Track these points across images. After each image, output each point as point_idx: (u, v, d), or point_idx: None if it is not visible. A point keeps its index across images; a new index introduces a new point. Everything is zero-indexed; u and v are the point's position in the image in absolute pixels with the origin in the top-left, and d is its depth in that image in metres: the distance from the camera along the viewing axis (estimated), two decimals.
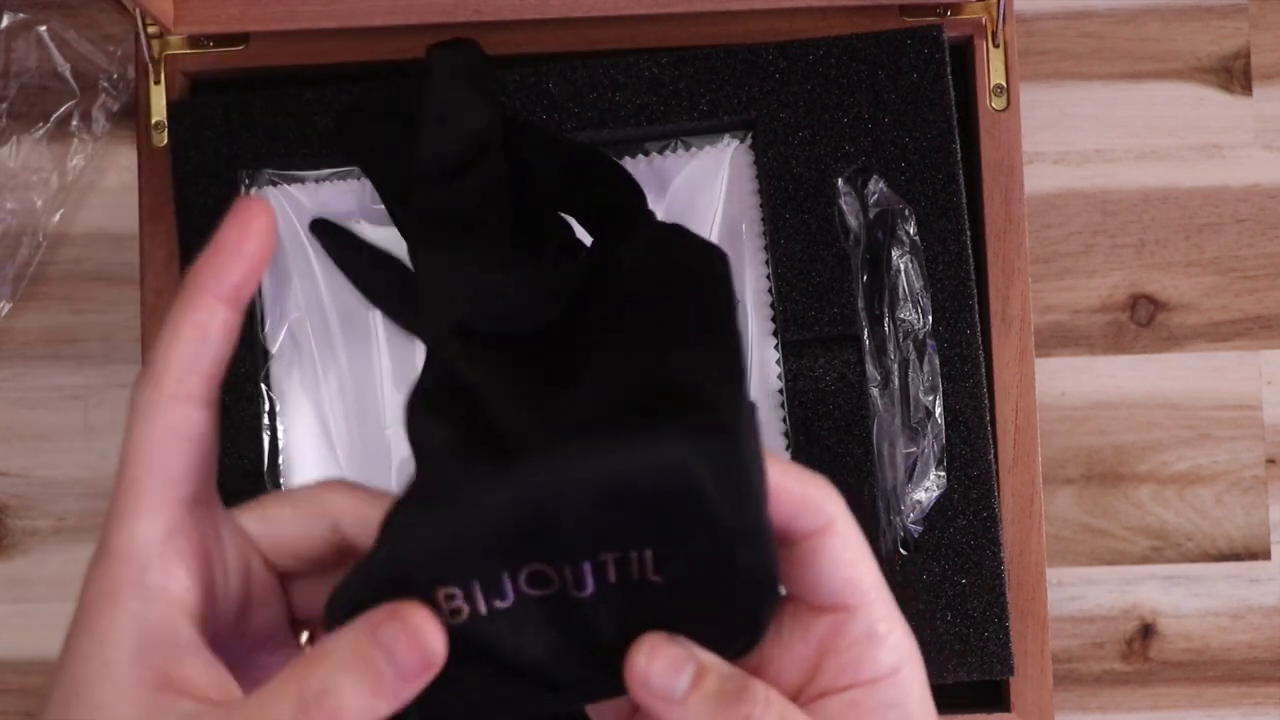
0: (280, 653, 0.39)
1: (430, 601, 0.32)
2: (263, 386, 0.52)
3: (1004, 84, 0.53)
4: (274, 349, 0.52)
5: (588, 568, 0.33)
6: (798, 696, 0.34)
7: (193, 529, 0.34)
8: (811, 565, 0.34)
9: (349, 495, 0.36)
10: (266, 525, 0.36)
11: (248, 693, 0.33)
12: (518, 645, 0.33)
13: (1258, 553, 0.60)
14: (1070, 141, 0.61)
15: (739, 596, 0.33)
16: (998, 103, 0.53)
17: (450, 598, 0.32)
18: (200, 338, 0.34)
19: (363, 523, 0.35)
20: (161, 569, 0.33)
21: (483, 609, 0.33)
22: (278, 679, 0.32)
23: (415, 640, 0.32)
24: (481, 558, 0.32)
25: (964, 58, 0.54)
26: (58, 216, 0.61)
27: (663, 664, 0.33)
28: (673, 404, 0.34)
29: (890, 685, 0.34)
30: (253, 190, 0.53)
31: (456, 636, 0.32)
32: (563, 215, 0.49)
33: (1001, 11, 0.53)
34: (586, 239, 0.49)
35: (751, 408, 0.34)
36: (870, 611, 0.34)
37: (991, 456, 0.51)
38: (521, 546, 0.32)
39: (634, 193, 0.48)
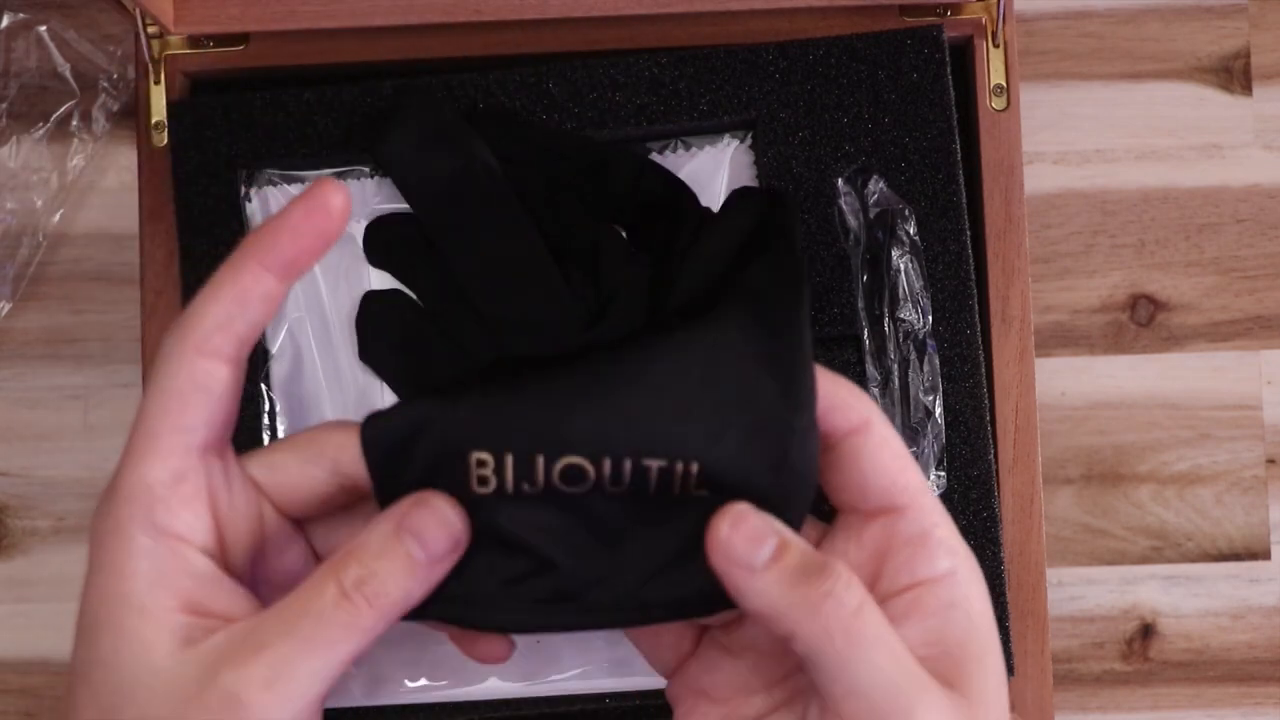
0: None
1: (462, 462, 0.33)
2: (263, 386, 0.52)
3: (1004, 84, 0.53)
4: (274, 349, 0.52)
5: (628, 465, 0.33)
6: None
7: (202, 475, 0.35)
8: (855, 466, 0.35)
9: (346, 433, 0.36)
10: (271, 471, 0.37)
11: None
12: (536, 539, 0.34)
13: (1258, 553, 0.60)
14: (1070, 141, 0.61)
15: (786, 500, 0.33)
16: (998, 103, 0.53)
17: (482, 463, 0.33)
18: (238, 299, 0.35)
19: (360, 459, 0.35)
20: (167, 509, 0.34)
21: (509, 486, 0.33)
22: (315, 575, 0.33)
23: (442, 523, 0.33)
24: (521, 432, 0.33)
25: (964, 58, 0.54)
26: (58, 216, 0.61)
27: (746, 533, 0.33)
28: (736, 306, 0.35)
29: (950, 584, 0.34)
30: (253, 190, 0.53)
31: (478, 511, 0.33)
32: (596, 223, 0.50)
33: (1001, 11, 0.53)
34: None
35: (807, 323, 0.34)
36: (920, 512, 0.35)
37: (991, 456, 0.51)
38: (563, 434, 0.33)
39: (683, 193, 0.49)
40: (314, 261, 0.35)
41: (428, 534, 0.33)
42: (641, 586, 0.34)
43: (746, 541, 0.33)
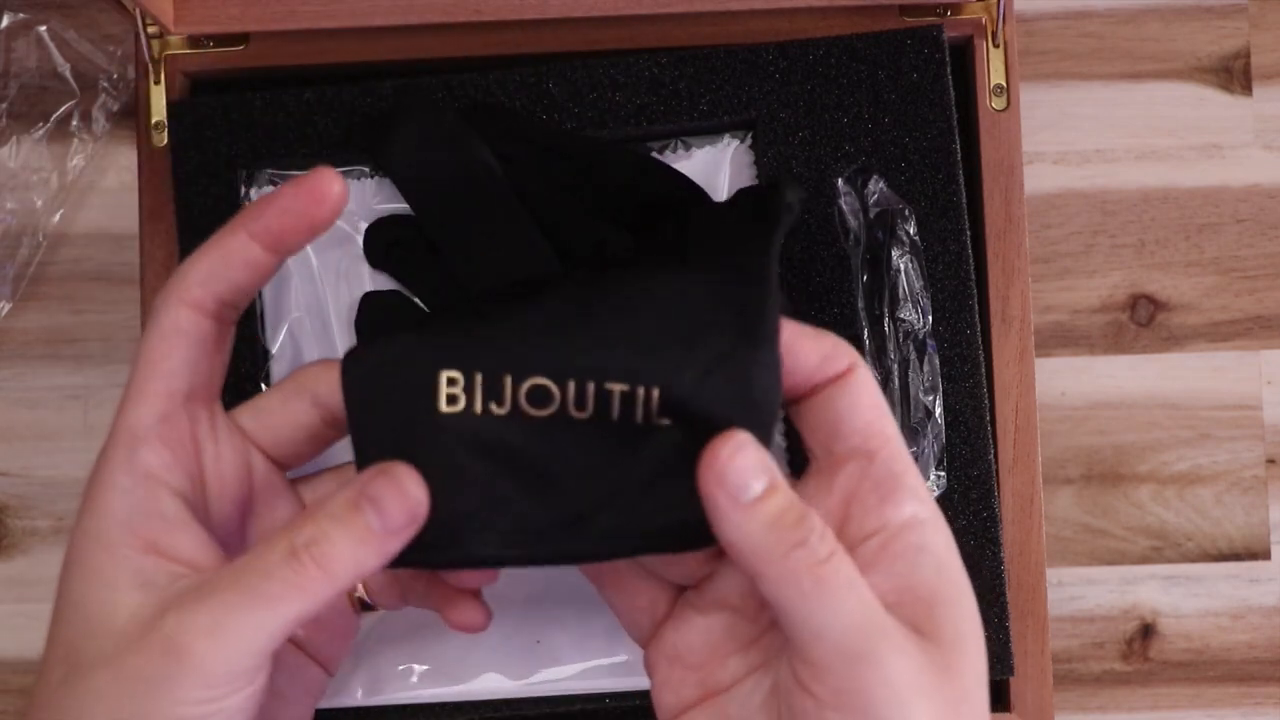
0: None
1: (432, 380, 0.34)
2: (263, 386, 0.52)
3: (1004, 84, 0.53)
4: (274, 349, 0.52)
5: (591, 388, 0.33)
6: None
7: (184, 421, 0.36)
8: (833, 407, 0.35)
9: (324, 365, 0.38)
10: (256, 415, 0.39)
11: None
12: (502, 455, 0.34)
13: (1258, 553, 0.60)
14: (1070, 141, 0.61)
15: (746, 424, 0.34)
16: (998, 103, 0.53)
17: (452, 381, 0.34)
18: (223, 259, 0.36)
19: (338, 388, 0.36)
20: (149, 449, 0.35)
21: (478, 405, 0.34)
22: (275, 533, 0.34)
23: (402, 494, 0.34)
24: (490, 352, 0.34)
25: (964, 58, 0.54)
26: (58, 216, 0.61)
27: (743, 464, 0.33)
28: (704, 249, 0.36)
29: (918, 529, 0.35)
30: (253, 190, 0.53)
31: (446, 430, 0.34)
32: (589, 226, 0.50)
33: (1001, 11, 0.53)
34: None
35: (772, 264, 0.35)
36: (891, 458, 0.35)
37: (991, 456, 0.51)
38: (530, 355, 0.34)
39: (691, 190, 0.50)
40: (301, 241, 0.37)
41: (387, 504, 0.34)
42: (611, 519, 0.34)
43: (741, 472, 0.33)
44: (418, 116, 0.50)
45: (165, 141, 0.53)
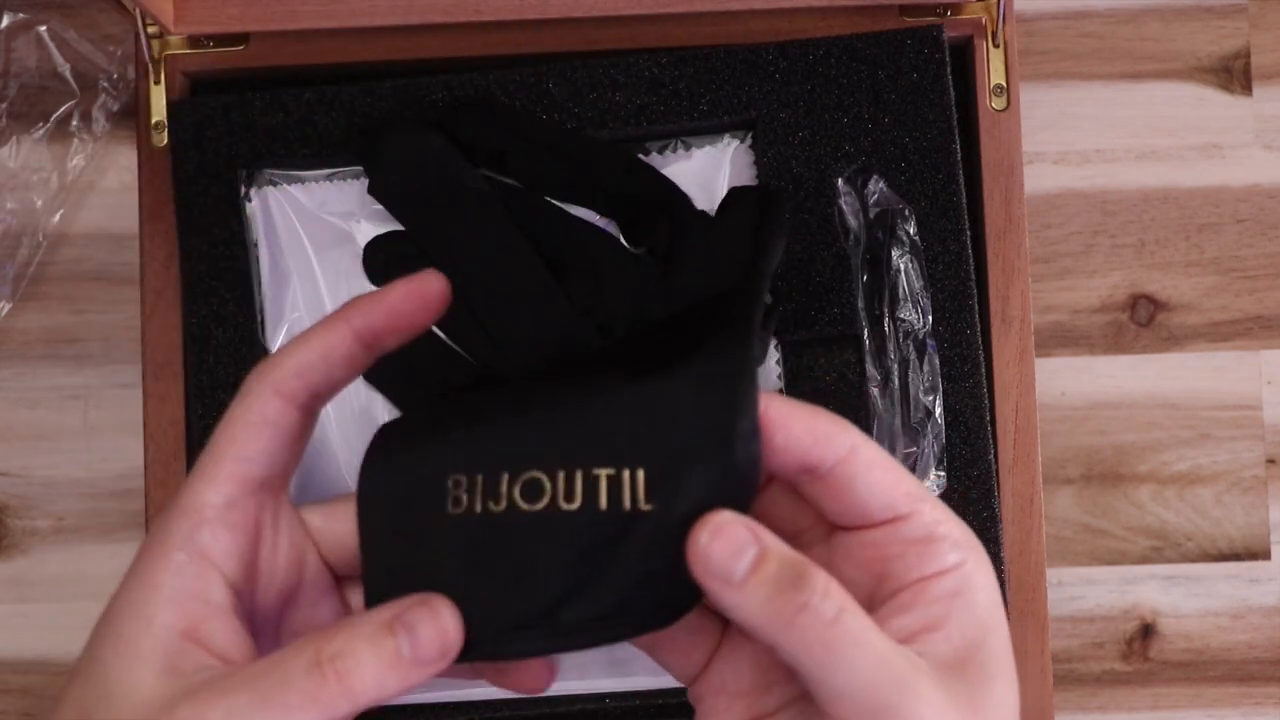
0: None
1: (442, 487, 0.35)
2: None
3: (1004, 84, 0.53)
4: (274, 349, 0.52)
5: (580, 476, 0.34)
6: (868, 604, 0.35)
7: (252, 508, 0.36)
8: (851, 491, 0.35)
9: None
10: (326, 518, 0.38)
11: None
12: (505, 555, 0.34)
13: (1258, 553, 0.60)
14: (1070, 141, 0.61)
15: (729, 505, 0.34)
16: (998, 103, 0.53)
17: (457, 484, 0.35)
18: (324, 355, 0.37)
19: None
20: (211, 532, 0.35)
21: (478, 507, 0.34)
22: (303, 638, 0.34)
23: (439, 629, 0.34)
24: (490, 452, 0.35)
25: (964, 58, 0.54)
26: (58, 216, 0.61)
27: (725, 545, 0.33)
28: (684, 332, 0.37)
29: (957, 575, 0.34)
30: (253, 190, 0.53)
31: (451, 532, 0.34)
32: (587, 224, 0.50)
33: (1001, 11, 0.53)
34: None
35: (752, 347, 0.36)
36: (922, 515, 0.35)
37: (991, 456, 0.51)
38: (525, 451, 0.35)
39: (674, 193, 0.50)
40: (400, 343, 0.37)
41: (421, 634, 0.33)
42: (595, 608, 0.34)
43: (726, 553, 0.33)
44: (404, 141, 0.50)
45: (165, 141, 0.53)
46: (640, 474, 0.34)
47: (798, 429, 0.34)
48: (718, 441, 0.34)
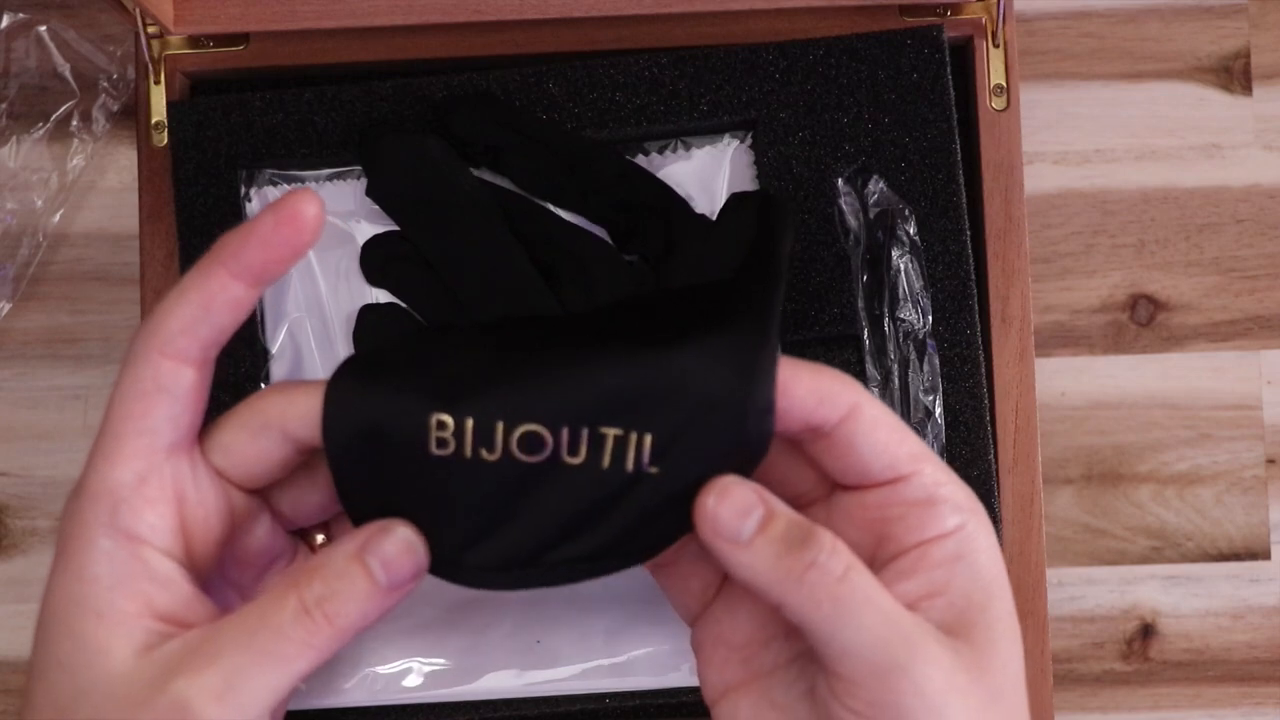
0: (278, 565, 0.39)
1: (422, 423, 0.33)
2: (262, 386, 0.52)
3: (1004, 84, 0.53)
4: (274, 349, 0.52)
5: (585, 433, 0.33)
6: (869, 566, 0.35)
7: (167, 476, 0.35)
8: (853, 450, 0.35)
9: (289, 396, 0.36)
10: (225, 455, 0.36)
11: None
12: (489, 504, 0.34)
13: (1258, 553, 0.60)
14: (1070, 141, 0.61)
15: (737, 465, 0.34)
16: (998, 103, 0.53)
17: (442, 425, 0.34)
18: (203, 304, 0.35)
19: (308, 420, 0.35)
20: (131, 511, 0.34)
21: (467, 452, 0.34)
22: (276, 588, 0.34)
23: (409, 549, 0.34)
24: (484, 397, 0.34)
25: (964, 58, 0.54)
26: (58, 216, 0.61)
27: (732, 506, 0.33)
28: (704, 297, 0.36)
29: (958, 538, 0.35)
30: (253, 190, 0.53)
31: (433, 473, 0.34)
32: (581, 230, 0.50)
33: (1001, 11, 0.53)
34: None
35: (773, 314, 0.36)
36: (923, 476, 0.35)
37: (991, 456, 0.51)
38: (524, 403, 0.34)
39: (671, 197, 0.50)
40: (283, 270, 0.35)
41: (393, 559, 0.34)
42: (595, 550, 0.35)
43: (733, 514, 0.33)
44: (401, 145, 0.50)
45: (165, 141, 0.53)
46: (648, 438, 0.34)
47: (802, 390, 0.35)
48: (732, 415, 0.34)
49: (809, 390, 0.34)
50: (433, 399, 0.34)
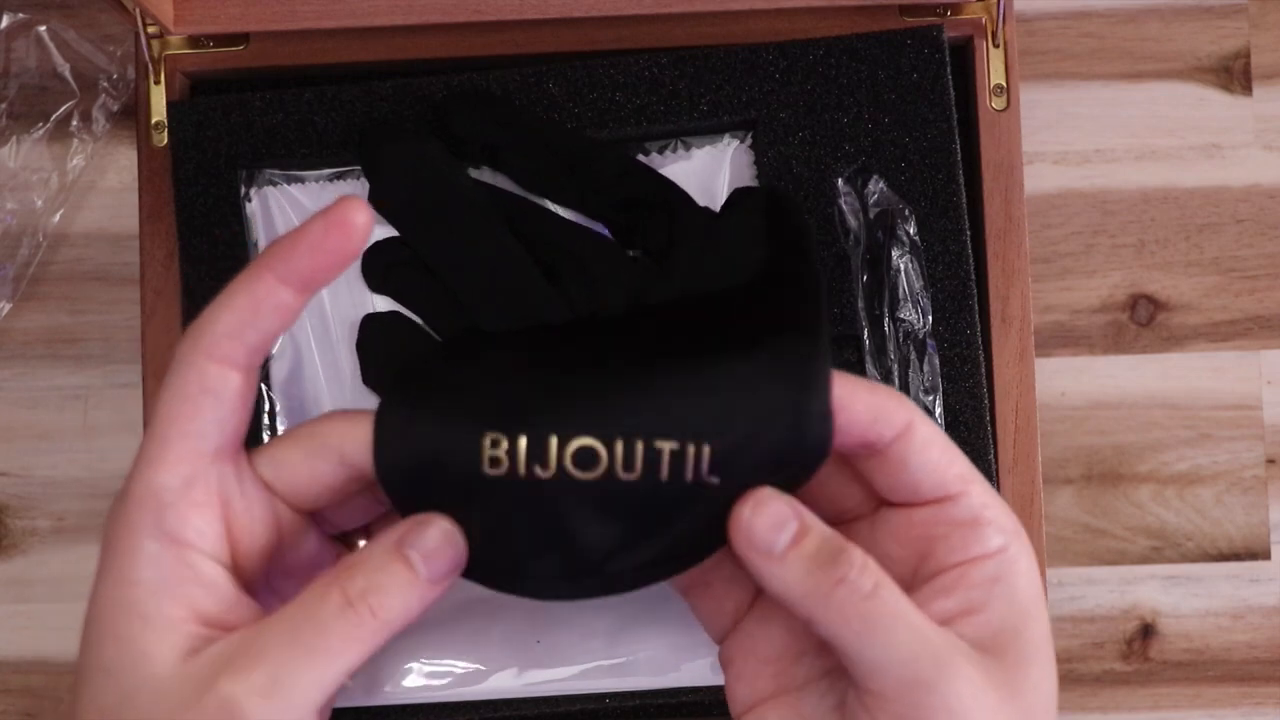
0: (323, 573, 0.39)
1: (475, 443, 0.34)
2: (262, 386, 0.52)
3: (1004, 84, 0.53)
4: (274, 349, 0.52)
5: (640, 447, 0.33)
6: (909, 582, 0.35)
7: (213, 480, 0.35)
8: (905, 469, 0.35)
9: (350, 424, 0.36)
10: (278, 470, 0.37)
11: None
12: (548, 524, 0.34)
13: (1258, 553, 0.60)
14: (1070, 141, 0.61)
15: (790, 488, 0.34)
16: (998, 103, 0.53)
17: (495, 444, 0.34)
18: (251, 308, 0.35)
19: (365, 446, 0.35)
20: (177, 515, 0.34)
21: (521, 470, 0.34)
22: (319, 583, 0.34)
23: (448, 541, 0.34)
24: (536, 412, 0.34)
25: (964, 58, 0.54)
26: (58, 216, 0.61)
27: (766, 518, 0.34)
28: (755, 306, 0.37)
29: (998, 561, 0.35)
30: (253, 190, 0.53)
31: (490, 495, 0.34)
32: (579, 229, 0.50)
33: (1001, 11, 0.53)
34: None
35: (823, 323, 0.36)
36: (970, 497, 0.35)
37: (991, 456, 0.51)
38: (576, 415, 0.33)
39: (674, 192, 0.50)
40: (332, 277, 0.35)
41: (432, 551, 0.34)
42: (654, 558, 0.35)
43: (767, 527, 0.34)
44: (401, 151, 0.50)
45: (165, 141, 0.53)
46: (706, 449, 0.34)
47: (859, 407, 0.35)
48: (790, 423, 0.34)
49: (866, 407, 0.35)
50: (483, 419, 0.34)
